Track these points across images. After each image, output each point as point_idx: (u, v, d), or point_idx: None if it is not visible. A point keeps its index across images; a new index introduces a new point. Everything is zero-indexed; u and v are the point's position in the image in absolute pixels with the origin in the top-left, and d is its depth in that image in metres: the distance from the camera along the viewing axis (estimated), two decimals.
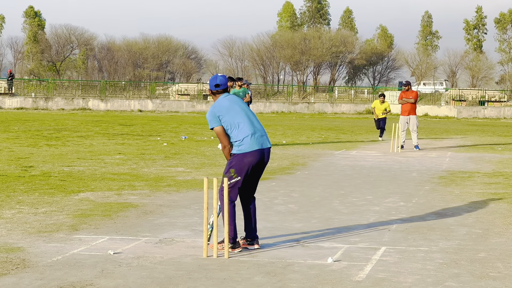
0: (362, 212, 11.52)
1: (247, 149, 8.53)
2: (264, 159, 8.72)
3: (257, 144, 8.60)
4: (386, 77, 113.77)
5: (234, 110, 8.63)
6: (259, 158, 8.63)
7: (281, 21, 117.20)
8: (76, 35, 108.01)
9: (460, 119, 51.45)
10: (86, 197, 12.39)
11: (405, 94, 24.16)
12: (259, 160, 8.63)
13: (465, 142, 27.55)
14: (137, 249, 8.61)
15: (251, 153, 8.54)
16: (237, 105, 8.68)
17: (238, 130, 8.54)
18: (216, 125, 8.55)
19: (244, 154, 8.53)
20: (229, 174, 8.55)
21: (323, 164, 18.72)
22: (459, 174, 16.92)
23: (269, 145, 8.80)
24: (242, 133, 8.54)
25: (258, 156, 8.60)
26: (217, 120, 8.55)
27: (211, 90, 8.76)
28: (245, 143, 8.54)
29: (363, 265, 7.97)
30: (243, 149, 8.53)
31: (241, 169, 8.54)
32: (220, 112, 8.56)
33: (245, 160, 8.54)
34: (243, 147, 8.54)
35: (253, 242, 8.80)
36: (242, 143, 8.54)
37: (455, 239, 9.49)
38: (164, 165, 17.53)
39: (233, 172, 8.54)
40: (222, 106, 8.60)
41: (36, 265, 7.77)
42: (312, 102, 59.49)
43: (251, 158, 8.55)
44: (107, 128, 31.90)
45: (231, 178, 8.55)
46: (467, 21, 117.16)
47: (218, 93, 8.73)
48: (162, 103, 55.82)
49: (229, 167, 8.56)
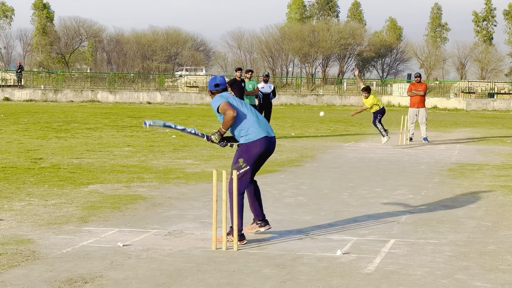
0: (371, 204, 11.52)
1: (254, 137, 8.58)
2: (271, 148, 8.73)
3: (264, 131, 8.64)
4: (395, 69, 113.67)
5: (238, 101, 8.74)
6: (267, 147, 8.65)
7: (290, 13, 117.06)
8: (85, 27, 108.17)
9: (469, 111, 51.33)
10: (95, 189, 12.42)
11: (414, 87, 24.14)
12: (266, 149, 8.65)
13: (474, 135, 27.49)
14: (146, 241, 8.63)
15: (259, 141, 8.58)
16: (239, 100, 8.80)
17: (243, 118, 8.61)
18: (223, 101, 8.57)
19: (253, 143, 8.57)
20: (238, 164, 8.58)
21: (332, 156, 18.72)
22: (468, 166, 16.89)
23: (274, 135, 8.83)
24: (247, 122, 8.60)
25: (266, 144, 8.62)
26: (224, 99, 8.60)
27: (211, 90, 8.80)
28: (251, 132, 8.59)
29: (372, 258, 7.97)
30: (251, 138, 8.58)
31: (249, 158, 8.58)
32: (228, 99, 8.63)
33: (253, 149, 8.58)
34: (250, 136, 8.58)
35: (264, 224, 8.85)
36: (248, 133, 8.59)
37: (465, 232, 9.48)
38: (173, 157, 17.55)
39: (241, 162, 8.57)
40: (228, 96, 8.71)
41: (46, 257, 7.79)
42: (320, 94, 59.43)
43: (259, 146, 8.58)
44: (116, 120, 31.94)
45: (241, 168, 8.58)
46: (476, 13, 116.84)
47: (218, 93, 8.78)
48: (170, 95, 55.81)
49: (238, 157, 8.61)
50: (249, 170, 8.61)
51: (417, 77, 24.46)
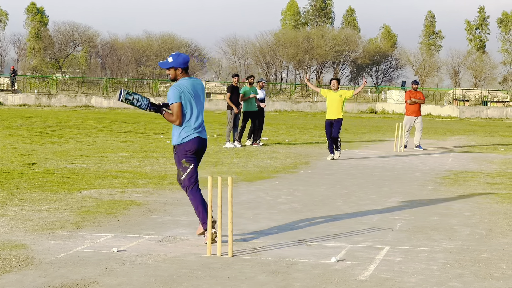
0: (366, 211, 11.52)
1: (188, 138, 8.91)
2: (204, 147, 9.08)
3: (196, 133, 8.97)
4: (389, 76, 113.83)
5: (195, 96, 9.00)
6: (199, 146, 8.99)
7: (284, 20, 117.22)
8: (79, 32, 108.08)
9: (463, 119, 51.42)
10: (90, 195, 12.40)
11: (412, 94, 24.06)
12: (199, 147, 8.99)
13: (468, 142, 27.53)
14: (140, 247, 8.61)
15: (192, 141, 8.92)
16: (200, 92, 9.11)
17: (189, 116, 8.92)
18: (176, 101, 8.88)
19: (187, 143, 8.91)
20: (183, 166, 8.93)
21: (326, 163, 18.72)
22: (462, 174, 16.91)
23: (206, 137, 9.16)
24: (190, 121, 8.94)
25: (198, 143, 8.97)
26: (178, 97, 8.88)
27: (181, 67, 9.02)
28: (187, 133, 8.92)
29: (366, 265, 7.97)
30: (185, 139, 8.92)
31: (189, 157, 8.93)
32: (182, 93, 8.89)
33: (188, 148, 8.90)
34: (185, 138, 8.92)
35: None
36: (185, 133, 8.92)
37: (459, 240, 9.49)
38: (167, 163, 17.53)
39: (185, 162, 8.92)
40: (186, 87, 8.94)
41: (39, 262, 7.77)
42: (315, 101, 59.46)
43: (193, 145, 8.93)
44: (110, 125, 31.91)
45: (187, 169, 8.92)
46: (468, 21, 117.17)
47: (181, 74, 9.07)
48: (165, 101, 55.80)
49: (179, 159, 8.95)
50: (194, 166, 8.96)
51: (416, 84, 24.37)
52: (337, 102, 19.29)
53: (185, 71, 9.05)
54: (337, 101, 19.29)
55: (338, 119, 19.30)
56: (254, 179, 15.16)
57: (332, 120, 19.33)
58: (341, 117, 19.32)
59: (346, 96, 19.38)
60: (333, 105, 19.31)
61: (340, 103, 19.28)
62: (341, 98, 19.29)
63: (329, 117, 19.41)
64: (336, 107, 19.26)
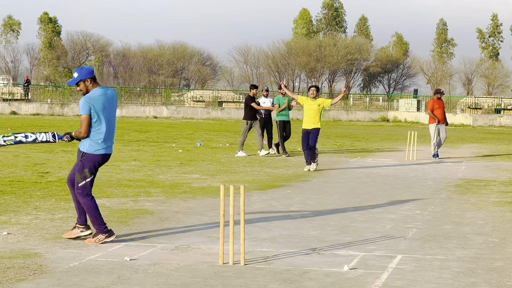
0: (378, 220, 11.50)
1: (98, 151, 9.27)
2: (107, 160, 9.52)
3: (104, 149, 9.33)
4: (401, 84, 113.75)
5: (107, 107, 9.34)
6: (105, 160, 9.44)
7: (296, 28, 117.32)
8: (92, 42, 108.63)
9: (475, 127, 51.29)
10: (102, 203, 12.42)
11: (436, 103, 23.64)
12: (104, 162, 9.43)
13: (481, 151, 27.46)
14: (153, 255, 8.63)
15: (100, 156, 9.32)
16: (112, 103, 9.46)
17: (98, 127, 9.26)
18: (85, 114, 9.21)
19: (96, 156, 9.28)
20: (83, 174, 9.32)
21: (339, 171, 18.70)
22: (475, 182, 16.87)
23: (111, 152, 9.56)
24: (98, 135, 9.28)
25: (104, 158, 9.40)
26: (88, 110, 9.20)
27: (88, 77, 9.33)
28: (98, 145, 9.27)
29: (379, 273, 7.96)
30: (96, 151, 9.27)
31: (92, 168, 9.33)
32: (93, 105, 9.20)
33: (96, 160, 9.31)
34: (96, 149, 9.26)
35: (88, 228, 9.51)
36: (97, 145, 9.28)
37: (472, 248, 9.46)
38: (179, 172, 17.56)
39: (86, 172, 9.31)
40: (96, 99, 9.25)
41: (53, 271, 7.79)
42: (327, 109, 59.45)
43: (99, 159, 9.33)
44: (123, 134, 31.99)
45: (86, 178, 9.29)
46: (480, 30, 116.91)
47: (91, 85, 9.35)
48: (177, 110, 55.91)
49: (83, 166, 9.29)
50: (92, 178, 9.36)
51: (440, 93, 24.05)
52: (314, 111, 18.50)
53: (94, 80, 9.41)
54: (314, 110, 18.50)
55: (315, 129, 18.51)
56: (267, 187, 15.17)
57: (309, 130, 18.51)
58: (319, 126, 18.51)
59: (324, 105, 18.64)
60: (310, 114, 18.52)
61: (318, 112, 18.52)
62: (319, 107, 18.54)
63: (306, 126, 18.57)
64: (313, 116, 18.49)
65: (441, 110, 23.70)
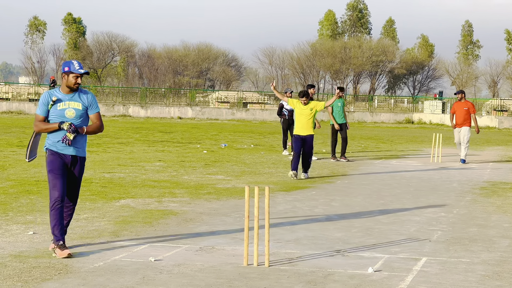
0: (403, 222, 11.46)
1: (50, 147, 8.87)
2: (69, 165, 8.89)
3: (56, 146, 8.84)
4: (426, 86, 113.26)
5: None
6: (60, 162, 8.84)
7: (322, 30, 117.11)
8: (117, 42, 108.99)
9: (501, 129, 50.98)
10: (127, 204, 12.47)
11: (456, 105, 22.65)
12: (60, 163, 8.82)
13: (507, 153, 27.29)
14: (177, 256, 8.65)
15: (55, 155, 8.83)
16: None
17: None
18: (37, 112, 8.79)
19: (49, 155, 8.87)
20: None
21: (363, 173, 18.67)
22: (501, 185, 16.77)
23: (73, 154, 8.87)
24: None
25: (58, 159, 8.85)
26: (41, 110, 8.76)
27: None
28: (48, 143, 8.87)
29: (404, 276, 7.93)
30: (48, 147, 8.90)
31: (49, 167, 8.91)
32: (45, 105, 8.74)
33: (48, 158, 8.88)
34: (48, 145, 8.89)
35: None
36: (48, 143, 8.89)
37: (497, 251, 9.41)
38: (204, 173, 17.59)
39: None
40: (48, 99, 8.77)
41: (78, 271, 7.83)
42: (351, 111, 59.33)
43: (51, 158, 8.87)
44: (147, 135, 32.09)
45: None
46: (508, 31, 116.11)
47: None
48: (201, 111, 56.01)
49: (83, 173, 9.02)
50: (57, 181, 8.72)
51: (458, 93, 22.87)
52: (306, 116, 17.17)
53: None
54: (306, 115, 17.18)
55: (309, 136, 17.25)
56: (291, 189, 15.16)
57: (303, 136, 17.20)
58: (312, 133, 17.26)
59: (317, 108, 17.27)
60: (303, 120, 17.21)
61: (310, 117, 17.22)
62: (312, 112, 17.23)
63: (299, 132, 17.24)
64: (306, 121, 17.18)
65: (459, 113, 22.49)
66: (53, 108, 8.71)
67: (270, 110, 55.94)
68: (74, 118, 8.70)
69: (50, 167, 8.73)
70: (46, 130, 8.79)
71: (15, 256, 8.40)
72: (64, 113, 8.69)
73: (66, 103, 8.71)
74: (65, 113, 8.69)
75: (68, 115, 8.69)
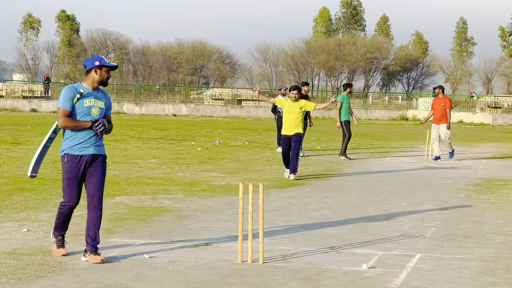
0: (397, 218, 11.48)
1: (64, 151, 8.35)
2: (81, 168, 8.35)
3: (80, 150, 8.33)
4: (421, 83, 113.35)
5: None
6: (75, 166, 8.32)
7: (316, 27, 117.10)
8: (111, 39, 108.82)
9: (495, 126, 51.04)
10: (121, 201, 12.47)
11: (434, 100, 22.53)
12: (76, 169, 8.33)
13: (501, 150, 27.33)
14: (172, 253, 8.65)
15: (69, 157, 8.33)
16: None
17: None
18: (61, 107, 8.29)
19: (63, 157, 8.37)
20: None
21: (357, 170, 18.68)
22: (495, 181, 16.80)
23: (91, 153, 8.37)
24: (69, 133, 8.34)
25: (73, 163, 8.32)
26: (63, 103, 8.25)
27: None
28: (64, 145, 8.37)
29: (398, 272, 7.95)
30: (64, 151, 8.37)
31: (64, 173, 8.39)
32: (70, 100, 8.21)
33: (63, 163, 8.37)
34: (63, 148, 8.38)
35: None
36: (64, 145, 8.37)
37: (491, 247, 9.43)
38: (198, 170, 17.59)
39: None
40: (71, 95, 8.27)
41: (72, 268, 7.83)
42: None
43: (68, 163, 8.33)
44: (142, 132, 32.06)
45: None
46: (502, 28, 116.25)
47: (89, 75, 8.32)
48: (196, 108, 55.97)
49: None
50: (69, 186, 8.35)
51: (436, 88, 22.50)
52: (295, 114, 16.50)
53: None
54: (295, 114, 16.51)
55: (297, 134, 16.50)
56: (286, 186, 15.17)
57: (290, 136, 16.52)
58: (300, 131, 16.48)
59: (307, 108, 16.66)
60: (291, 118, 16.53)
61: (300, 115, 16.54)
62: (301, 110, 16.57)
63: (286, 132, 16.55)
64: (294, 120, 16.50)
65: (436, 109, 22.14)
66: (78, 104, 8.17)
67: (264, 107, 55.91)
68: (98, 116, 8.23)
69: (68, 175, 8.21)
70: (74, 127, 8.19)
71: (9, 254, 8.39)
72: (90, 110, 8.19)
73: (92, 100, 8.21)
74: (91, 111, 8.21)
75: (93, 113, 8.20)
